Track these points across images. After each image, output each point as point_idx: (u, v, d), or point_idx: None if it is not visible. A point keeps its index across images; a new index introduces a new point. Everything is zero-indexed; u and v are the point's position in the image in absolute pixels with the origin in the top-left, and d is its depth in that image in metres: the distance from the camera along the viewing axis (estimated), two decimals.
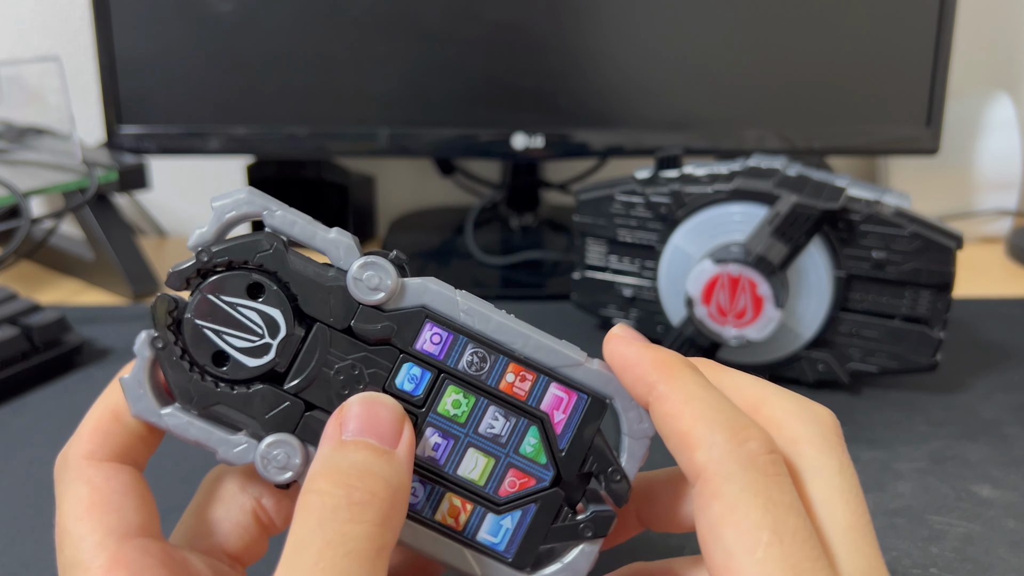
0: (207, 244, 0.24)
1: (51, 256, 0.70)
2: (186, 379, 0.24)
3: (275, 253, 0.24)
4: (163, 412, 0.24)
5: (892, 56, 0.65)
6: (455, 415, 0.24)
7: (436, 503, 0.24)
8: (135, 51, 0.65)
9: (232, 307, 0.24)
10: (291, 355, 0.24)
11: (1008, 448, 0.43)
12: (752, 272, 0.46)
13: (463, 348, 0.24)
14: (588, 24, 0.64)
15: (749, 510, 0.20)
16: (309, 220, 0.24)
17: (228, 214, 0.24)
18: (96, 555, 0.21)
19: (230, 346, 0.24)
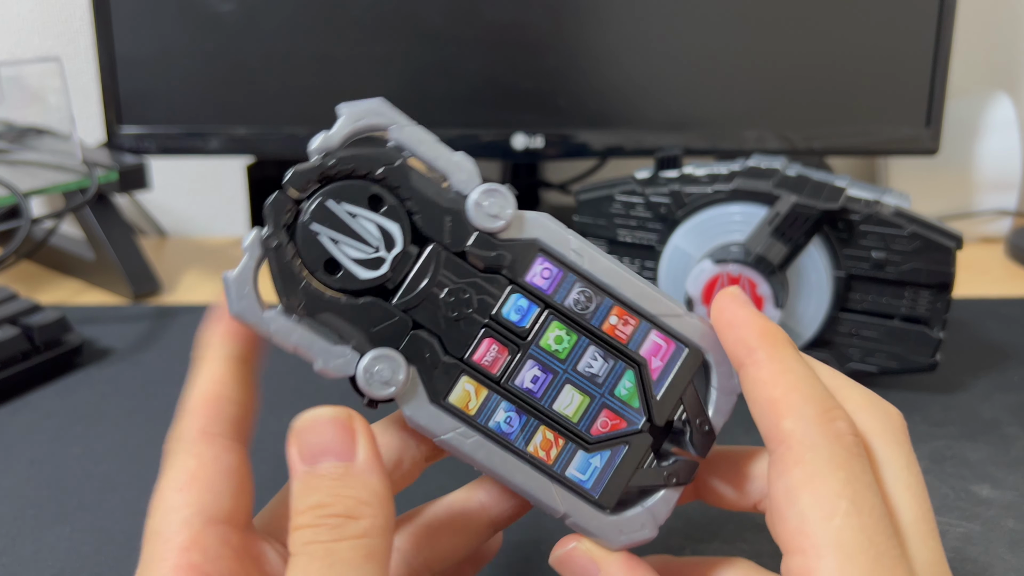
0: (332, 149, 0.23)
1: (51, 256, 0.70)
2: (294, 282, 0.23)
3: (400, 167, 0.24)
4: (266, 314, 0.23)
5: (892, 56, 0.65)
6: (556, 350, 0.25)
7: (530, 435, 0.24)
8: (135, 51, 0.65)
9: (350, 215, 0.23)
10: (404, 272, 0.24)
11: (1008, 448, 0.43)
12: (752, 272, 0.46)
13: (571, 286, 0.25)
14: (588, 24, 0.64)
15: (830, 479, 0.20)
16: (435, 140, 0.24)
17: (359, 122, 0.24)
18: (179, 531, 0.21)
19: (344, 255, 0.23)
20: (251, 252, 0.24)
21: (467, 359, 0.24)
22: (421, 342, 0.24)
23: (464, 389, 0.24)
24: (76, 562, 0.35)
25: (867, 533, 0.20)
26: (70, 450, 0.43)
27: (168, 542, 0.21)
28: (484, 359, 0.24)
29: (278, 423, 0.46)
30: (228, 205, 0.86)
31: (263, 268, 0.24)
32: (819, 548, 0.20)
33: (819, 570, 0.20)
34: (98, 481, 0.41)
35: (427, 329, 0.24)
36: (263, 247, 0.23)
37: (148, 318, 0.60)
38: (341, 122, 0.24)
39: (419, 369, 0.24)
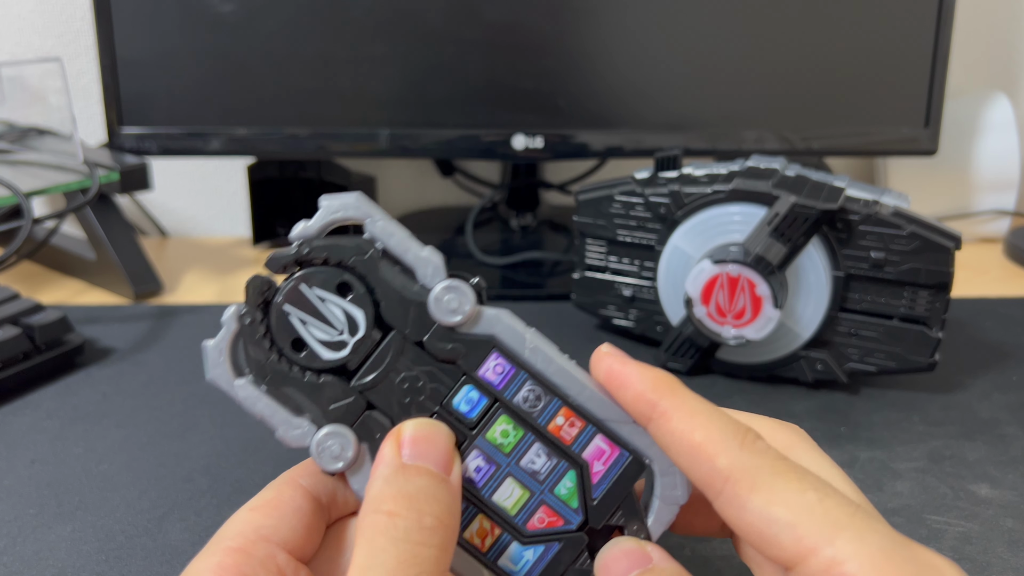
0: (309, 238, 0.26)
1: (53, 256, 0.70)
2: (264, 356, 0.25)
3: (369, 259, 0.25)
4: (236, 382, 0.25)
5: (891, 57, 0.65)
6: (501, 444, 0.25)
7: (467, 521, 0.25)
8: (136, 52, 0.65)
9: (320, 300, 0.25)
10: (364, 355, 0.25)
11: (1006, 447, 0.43)
12: (751, 272, 0.46)
13: (522, 383, 0.26)
14: (588, 25, 0.64)
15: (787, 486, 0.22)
16: (406, 235, 0.26)
17: (335, 214, 0.26)
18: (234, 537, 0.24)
19: (310, 335, 0.25)
20: (228, 326, 0.26)
21: None
22: (373, 422, 0.25)
23: None
24: (77, 561, 0.35)
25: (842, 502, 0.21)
26: (71, 450, 0.43)
27: (221, 542, 0.24)
28: None
29: None
30: (229, 205, 0.86)
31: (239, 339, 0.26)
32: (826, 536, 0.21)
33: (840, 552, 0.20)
34: (99, 481, 0.41)
35: (381, 410, 0.25)
36: (239, 322, 0.26)
37: (149, 318, 0.60)
38: (319, 214, 0.26)
39: (369, 447, 0.25)
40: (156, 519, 0.38)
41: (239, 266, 0.73)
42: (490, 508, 0.25)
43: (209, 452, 0.43)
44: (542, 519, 0.25)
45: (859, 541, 0.20)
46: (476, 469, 0.25)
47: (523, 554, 0.25)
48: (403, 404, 0.25)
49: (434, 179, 0.84)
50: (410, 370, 0.25)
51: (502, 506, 0.25)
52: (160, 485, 0.40)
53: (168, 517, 0.38)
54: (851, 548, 0.20)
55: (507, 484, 0.25)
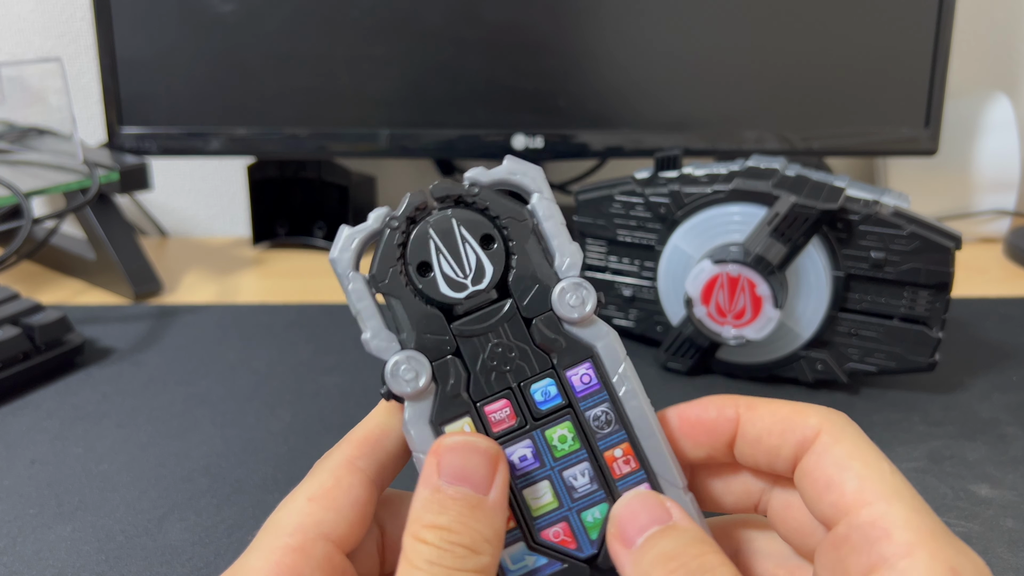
0: (480, 183, 0.26)
1: (53, 256, 0.70)
2: (389, 263, 0.26)
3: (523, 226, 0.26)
4: (352, 273, 0.26)
5: (891, 57, 0.65)
6: (555, 446, 0.25)
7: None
8: (136, 52, 0.65)
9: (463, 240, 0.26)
10: (475, 306, 0.26)
11: (1006, 447, 0.43)
12: (751, 272, 0.46)
13: (600, 402, 0.26)
14: (588, 26, 0.64)
15: (869, 450, 0.24)
16: (563, 224, 0.26)
17: (513, 175, 0.27)
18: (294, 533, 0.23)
19: (439, 266, 0.26)
20: (373, 222, 0.26)
21: (479, 406, 0.25)
22: (453, 369, 0.25)
23: (462, 428, 0.25)
24: (77, 561, 0.35)
25: (909, 484, 0.23)
26: (71, 450, 0.43)
27: (280, 538, 0.23)
28: (493, 415, 0.25)
29: (279, 423, 0.46)
30: (229, 205, 0.86)
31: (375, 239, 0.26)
32: (887, 496, 0.22)
33: (892, 512, 0.22)
34: (99, 480, 0.41)
35: (464, 362, 0.26)
36: (384, 224, 0.26)
37: (149, 318, 0.60)
38: (500, 168, 0.27)
39: (437, 389, 0.25)
40: (156, 519, 0.38)
41: (239, 266, 0.73)
42: (516, 500, 0.25)
43: (209, 452, 0.43)
44: (558, 534, 0.25)
45: (914, 512, 0.22)
46: (521, 458, 0.25)
47: (525, 558, 0.25)
48: (487, 366, 0.26)
49: (434, 179, 0.84)
50: (508, 340, 0.26)
51: (528, 503, 0.25)
52: (160, 485, 0.40)
53: (168, 517, 0.38)
54: (904, 515, 0.22)
55: (542, 486, 0.25)
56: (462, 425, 0.25)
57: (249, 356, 0.54)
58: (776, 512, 0.26)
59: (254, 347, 0.55)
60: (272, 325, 0.58)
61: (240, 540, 0.36)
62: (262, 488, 0.40)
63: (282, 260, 0.74)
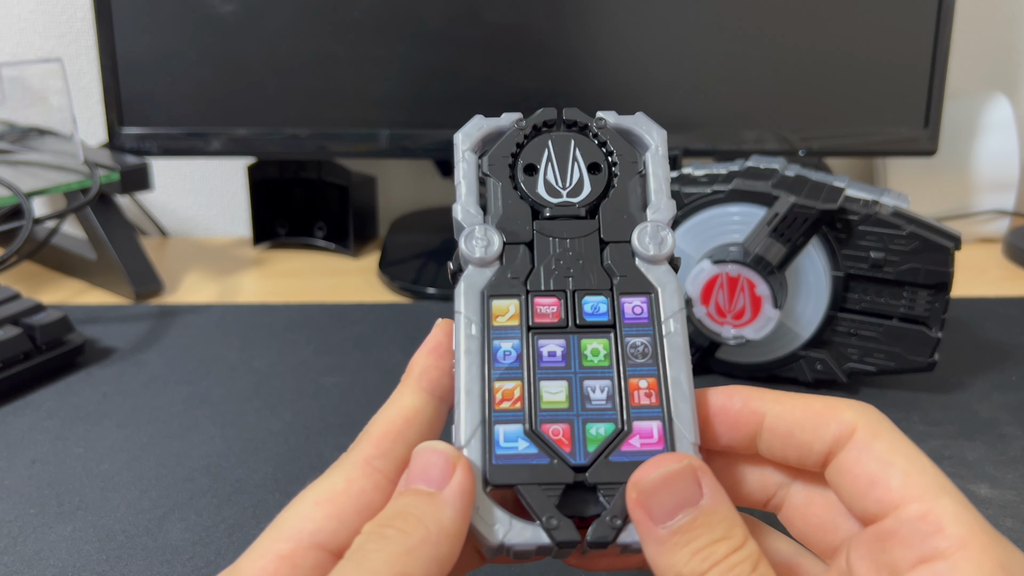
0: (607, 122, 0.29)
1: (53, 256, 0.70)
2: (505, 152, 0.28)
3: (631, 167, 0.29)
4: (467, 153, 0.28)
5: (890, 57, 0.65)
6: (585, 355, 0.26)
7: (507, 377, 0.25)
8: (137, 52, 0.65)
9: (574, 159, 0.29)
10: (562, 215, 0.28)
11: (1006, 447, 0.43)
12: (750, 272, 0.46)
13: (643, 334, 0.26)
14: (588, 26, 0.65)
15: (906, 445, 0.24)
16: (667, 180, 0.28)
17: (639, 127, 0.29)
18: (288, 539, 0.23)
19: (544, 172, 0.28)
20: (503, 120, 0.29)
21: (531, 295, 0.27)
22: (520, 255, 0.27)
23: (507, 306, 0.26)
24: (78, 561, 0.35)
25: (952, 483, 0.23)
26: (72, 450, 0.43)
27: (274, 543, 0.23)
28: (541, 307, 0.27)
29: (279, 423, 0.46)
30: (229, 206, 0.86)
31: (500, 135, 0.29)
32: (935, 491, 0.22)
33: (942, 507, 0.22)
34: (100, 480, 0.41)
35: (533, 254, 0.27)
36: (513, 123, 0.29)
37: (150, 318, 0.60)
38: (630, 117, 0.29)
39: (500, 268, 0.27)
40: (156, 519, 0.38)
41: (239, 266, 0.73)
42: (531, 386, 0.25)
43: (209, 452, 0.43)
44: (557, 432, 0.25)
45: (961, 506, 0.22)
46: (551, 353, 0.26)
47: (518, 439, 0.25)
48: (550, 264, 0.27)
49: (434, 179, 0.84)
50: (579, 251, 0.27)
51: (541, 394, 0.25)
52: (160, 485, 0.40)
53: (168, 517, 0.38)
54: (953, 509, 0.22)
55: (559, 384, 0.25)
56: (509, 305, 0.26)
57: (249, 356, 0.54)
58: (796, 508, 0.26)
59: (254, 347, 0.55)
60: (272, 325, 0.58)
61: (240, 540, 0.36)
62: (262, 488, 0.40)
63: (282, 260, 0.74)
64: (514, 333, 0.26)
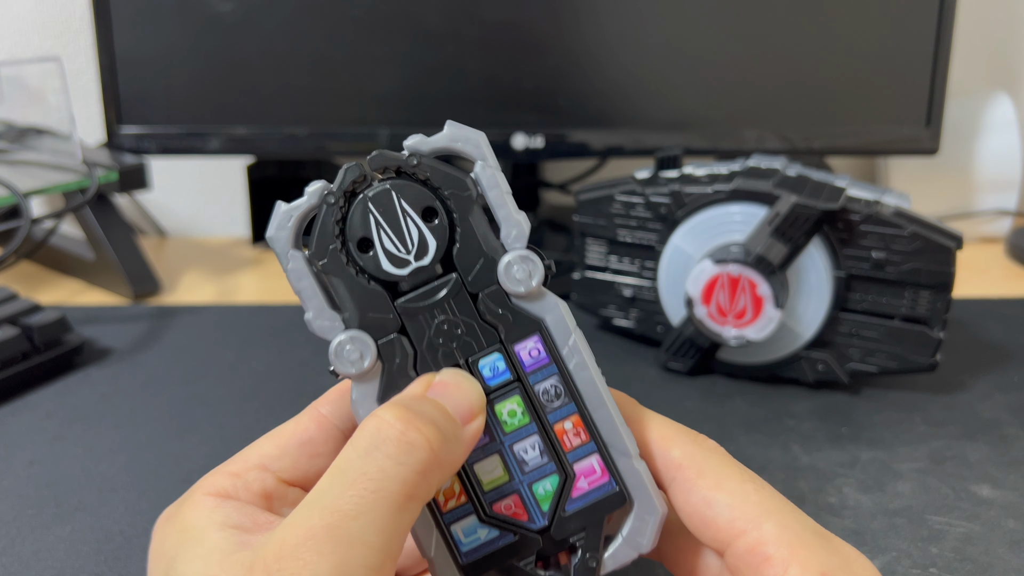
0: (420, 153, 0.25)
1: (51, 256, 0.70)
2: (329, 240, 0.25)
3: (466, 198, 0.25)
4: (291, 251, 0.25)
5: (892, 56, 0.65)
6: (505, 421, 0.25)
7: None
8: (135, 51, 0.65)
9: (404, 214, 0.25)
10: (419, 282, 0.25)
11: (1008, 448, 0.43)
12: (752, 272, 0.46)
13: (549, 375, 0.25)
14: (588, 24, 0.64)
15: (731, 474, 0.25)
16: (508, 192, 0.26)
17: (455, 143, 0.26)
18: (236, 461, 0.26)
19: (380, 241, 0.25)
20: (310, 198, 0.25)
21: None
22: (399, 347, 0.25)
23: None
24: (76, 562, 0.35)
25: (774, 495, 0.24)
26: (70, 450, 0.43)
27: (227, 465, 0.26)
28: None
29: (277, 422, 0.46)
30: (228, 205, 0.86)
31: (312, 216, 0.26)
32: (755, 520, 0.23)
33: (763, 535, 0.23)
34: (98, 481, 0.41)
35: (410, 340, 0.25)
36: (321, 199, 0.25)
37: (148, 318, 0.60)
38: (440, 135, 0.26)
39: (384, 368, 0.25)
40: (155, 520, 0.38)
41: (238, 266, 0.73)
42: (467, 475, 0.25)
43: (208, 453, 0.43)
44: (509, 507, 0.25)
45: (783, 527, 0.23)
46: None
47: (477, 530, 0.25)
48: (433, 343, 0.25)
49: None
50: (454, 316, 0.25)
51: (479, 478, 0.25)
52: (159, 486, 0.40)
53: None
54: (775, 532, 0.23)
55: (492, 460, 0.25)
56: None
57: (249, 356, 0.54)
58: (669, 554, 0.27)
59: (253, 347, 0.55)
60: (272, 325, 0.58)
61: None
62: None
63: None
64: None
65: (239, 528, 0.23)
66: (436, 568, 0.25)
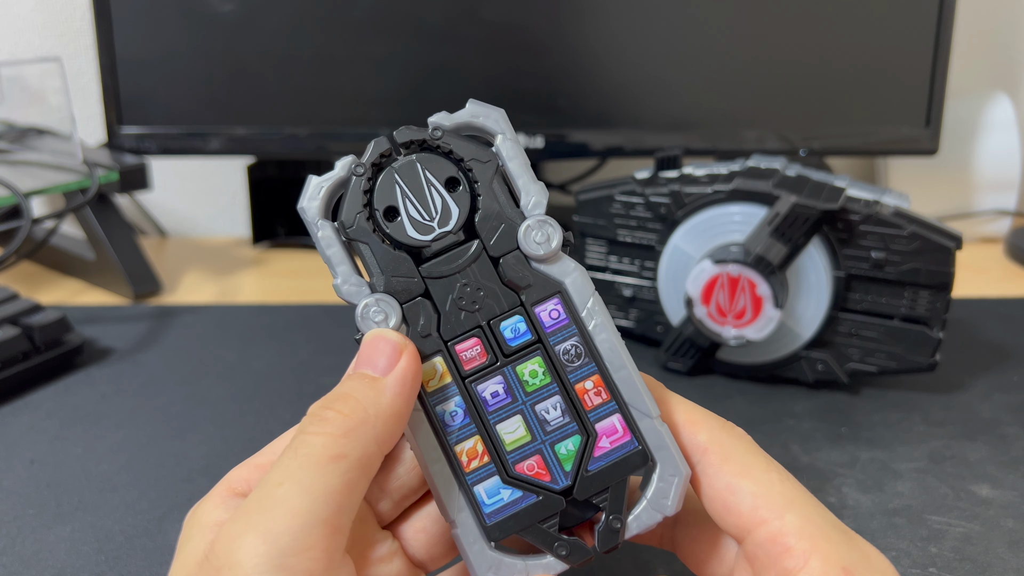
0: (443, 127, 0.27)
1: (52, 256, 0.70)
2: (357, 208, 0.26)
3: (487, 167, 0.26)
4: (321, 221, 0.26)
5: (891, 56, 0.65)
6: (526, 381, 0.26)
7: (463, 437, 0.25)
8: (136, 52, 0.65)
9: (428, 184, 0.26)
10: (442, 248, 0.26)
11: (1007, 448, 0.43)
12: (751, 272, 0.46)
13: (569, 336, 0.26)
14: (588, 25, 0.64)
15: (756, 463, 0.25)
16: (527, 164, 0.27)
17: (476, 118, 0.27)
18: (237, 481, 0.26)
19: (405, 210, 0.26)
20: (340, 170, 0.26)
21: (451, 344, 0.26)
22: (423, 310, 0.26)
23: (434, 367, 0.26)
24: (76, 562, 0.35)
25: (799, 487, 0.24)
26: (71, 450, 0.43)
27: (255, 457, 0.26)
28: (464, 353, 0.26)
29: (277, 423, 0.46)
30: (228, 205, 0.86)
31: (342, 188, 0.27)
32: (778, 510, 0.23)
33: (785, 525, 0.23)
34: (98, 481, 0.41)
35: (433, 303, 0.26)
36: (350, 171, 0.26)
37: (148, 318, 0.60)
38: (463, 111, 0.27)
39: (408, 331, 0.26)
40: (155, 519, 0.38)
41: (239, 266, 0.73)
42: (489, 434, 0.25)
43: (208, 453, 0.43)
44: (532, 467, 0.25)
45: (805, 519, 0.23)
46: (493, 394, 0.26)
47: (500, 491, 0.25)
48: (456, 305, 0.26)
49: None
50: (476, 279, 0.26)
51: (502, 438, 0.25)
52: (160, 485, 0.40)
53: (167, 517, 0.38)
54: (797, 523, 0.23)
55: (515, 420, 0.26)
56: (433, 365, 0.26)
57: (249, 356, 0.54)
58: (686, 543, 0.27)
59: (253, 347, 0.55)
60: (272, 325, 0.58)
61: None
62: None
63: (282, 260, 0.74)
64: (451, 391, 0.26)
65: None
66: (459, 530, 0.25)
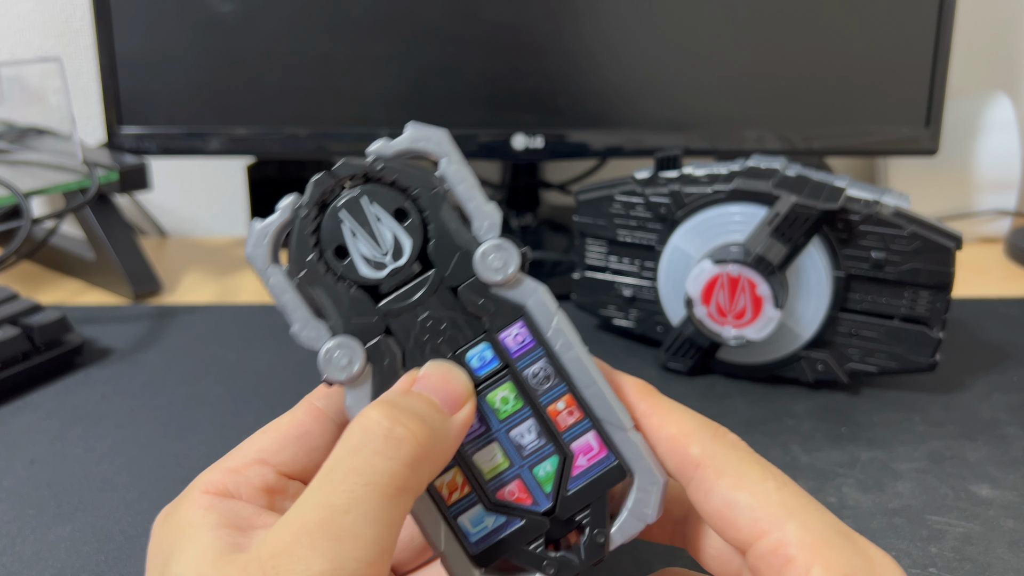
0: (385, 157, 0.26)
1: (52, 256, 0.70)
2: (305, 252, 0.25)
3: (435, 195, 0.26)
4: (270, 268, 0.26)
5: (891, 56, 0.65)
6: (498, 409, 0.26)
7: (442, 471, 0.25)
8: (136, 52, 0.65)
9: (375, 218, 0.25)
10: (398, 283, 0.26)
11: (1007, 448, 0.43)
12: (751, 272, 0.46)
13: (536, 359, 0.26)
14: (588, 25, 0.64)
15: (751, 472, 0.24)
16: (476, 185, 0.26)
17: (417, 143, 0.26)
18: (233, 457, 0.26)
19: (355, 247, 0.25)
20: (282, 213, 0.26)
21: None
22: (386, 348, 0.25)
23: None
24: (76, 562, 0.35)
25: (797, 492, 0.24)
26: (71, 450, 0.43)
27: (225, 461, 0.26)
28: None
29: None
30: (228, 205, 0.86)
31: (288, 230, 0.26)
32: (777, 521, 0.23)
33: (786, 536, 0.22)
34: (98, 481, 0.41)
35: (396, 340, 0.26)
36: (293, 213, 0.26)
37: (148, 318, 0.60)
38: (402, 137, 0.26)
39: (374, 370, 0.25)
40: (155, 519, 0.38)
41: (239, 266, 0.73)
42: (468, 465, 0.25)
43: (208, 453, 0.43)
44: (512, 492, 0.25)
45: (805, 528, 0.22)
46: None
47: (484, 519, 0.25)
48: (419, 341, 0.26)
49: None
50: (436, 311, 0.26)
51: (480, 468, 0.25)
52: (159, 486, 0.40)
53: None
54: (798, 533, 0.22)
55: (491, 448, 0.26)
56: None
57: (249, 356, 0.54)
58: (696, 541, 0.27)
59: (253, 348, 0.55)
60: (272, 325, 0.58)
61: None
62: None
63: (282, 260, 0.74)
64: None
65: (233, 528, 0.24)
66: (448, 561, 0.25)
